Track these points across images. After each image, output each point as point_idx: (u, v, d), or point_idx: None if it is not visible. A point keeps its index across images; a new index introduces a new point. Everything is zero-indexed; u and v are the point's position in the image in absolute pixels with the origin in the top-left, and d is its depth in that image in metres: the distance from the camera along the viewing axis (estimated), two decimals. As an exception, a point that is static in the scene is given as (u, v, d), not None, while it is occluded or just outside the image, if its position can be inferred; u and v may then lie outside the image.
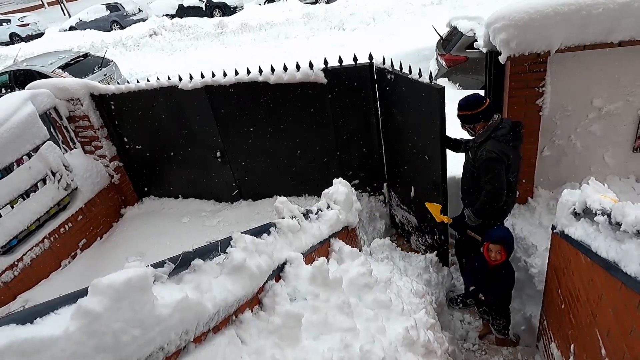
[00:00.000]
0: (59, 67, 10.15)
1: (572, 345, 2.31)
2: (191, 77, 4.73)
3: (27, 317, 0.91)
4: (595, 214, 2.00)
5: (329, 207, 2.91)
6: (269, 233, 1.95)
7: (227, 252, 1.56)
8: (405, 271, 3.52)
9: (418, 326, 2.14)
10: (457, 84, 7.55)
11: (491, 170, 3.05)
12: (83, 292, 1.00)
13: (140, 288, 1.00)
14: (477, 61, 7.33)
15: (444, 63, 7.70)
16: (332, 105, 4.39)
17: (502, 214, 3.37)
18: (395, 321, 2.13)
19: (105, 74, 10.70)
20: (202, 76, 4.72)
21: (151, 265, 1.23)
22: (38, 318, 0.93)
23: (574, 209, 2.32)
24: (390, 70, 3.88)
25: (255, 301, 1.69)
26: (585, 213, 2.20)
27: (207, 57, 12.40)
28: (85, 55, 11.21)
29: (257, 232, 1.86)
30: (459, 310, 3.88)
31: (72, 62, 10.67)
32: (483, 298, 3.12)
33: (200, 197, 5.71)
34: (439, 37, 8.21)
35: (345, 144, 4.65)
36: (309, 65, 4.28)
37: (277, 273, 1.89)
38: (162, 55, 14.57)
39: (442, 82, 7.68)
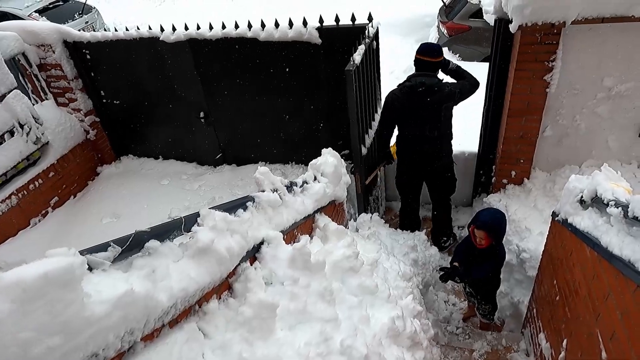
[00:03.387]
0: (35, 11, 9.49)
1: (565, 341, 2.18)
2: (174, 29, 4.35)
3: None
4: (608, 205, 1.80)
5: (315, 179, 2.69)
6: (245, 208, 1.72)
7: (191, 232, 1.33)
8: (392, 249, 3.35)
9: (404, 315, 1.98)
10: (458, 55, 7.23)
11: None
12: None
13: (63, 284, 0.77)
14: (480, 31, 7.00)
15: (445, 31, 7.34)
16: (325, 67, 4.08)
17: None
18: (380, 309, 1.96)
19: (86, 22, 10.07)
20: (186, 28, 4.34)
21: (92, 248, 1.00)
22: None
23: (582, 196, 2.13)
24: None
25: (224, 286, 1.48)
26: (595, 202, 2.02)
27: (197, 9, 11.75)
28: (66, 0, 10.49)
29: (232, 207, 1.63)
30: (444, 290, 3.77)
31: (51, 5, 9.99)
32: (458, 280, 3.00)
33: (181, 158, 5.43)
34: (442, 3, 7.79)
35: (338, 111, 4.37)
36: (303, 23, 3.94)
37: (253, 254, 1.68)
38: (150, 5, 13.79)
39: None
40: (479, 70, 3.99)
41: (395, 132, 3.86)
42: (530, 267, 3.26)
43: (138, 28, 4.53)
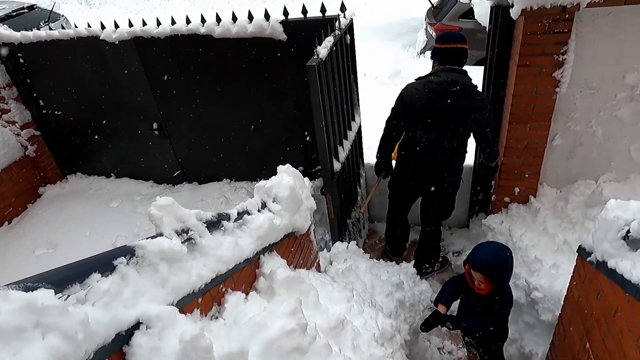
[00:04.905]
0: (-5, 19, 8.80)
1: None
2: (117, 26, 3.72)
3: None
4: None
5: (265, 206, 2.03)
6: (112, 270, 1.06)
7: None
8: (372, 289, 2.69)
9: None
10: (448, 59, 6.66)
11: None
12: None
13: None
14: (472, 33, 6.43)
15: (434, 34, 6.78)
16: (293, 68, 3.45)
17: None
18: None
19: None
20: (131, 24, 3.71)
21: None
22: None
23: (628, 231, 1.49)
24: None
25: None
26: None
27: (178, 16, 11.18)
28: (31, 8, 9.83)
29: (76, 274, 0.97)
30: (437, 335, 3.10)
31: (14, 14, 9.31)
32: (451, 327, 2.30)
33: (136, 177, 4.75)
34: (430, 3, 7.26)
35: (310, 119, 3.73)
36: (265, 16, 3.33)
37: (118, 347, 1.01)
38: (126, 15, 13.21)
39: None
40: (472, 76, 3.40)
41: None
42: (544, 310, 2.61)
43: (76, 26, 3.89)
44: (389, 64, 6.40)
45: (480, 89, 3.33)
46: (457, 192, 3.26)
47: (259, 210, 1.96)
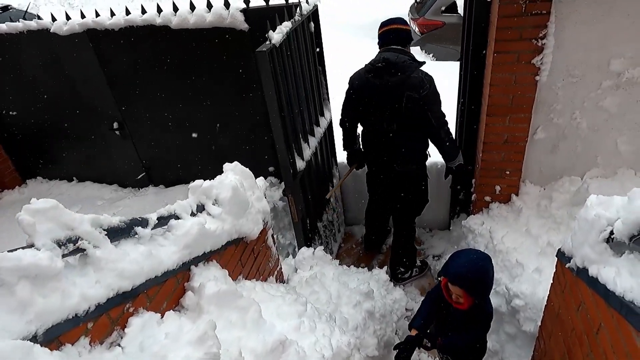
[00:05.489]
0: (-35, 19, 8.49)
1: None
2: (68, 17, 3.46)
3: None
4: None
5: (203, 209, 1.78)
6: None
7: None
8: (338, 299, 2.44)
9: None
10: (432, 55, 6.46)
11: None
12: None
13: None
14: (456, 27, 6.24)
15: (417, 29, 6.57)
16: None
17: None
18: None
19: (26, 31, 9.10)
20: (83, 16, 3.45)
21: None
22: None
23: (611, 232, 1.25)
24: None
25: None
26: (638, 243, 1.14)
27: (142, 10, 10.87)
28: (5, 8, 9.52)
29: None
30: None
31: (-14, 14, 9.02)
32: (429, 345, 2.05)
33: (100, 180, 4.48)
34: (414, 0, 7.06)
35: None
36: (225, 4, 3.08)
37: None
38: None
39: (414, 51, 6.57)
40: (456, 72, 3.19)
41: None
42: (526, 319, 2.37)
43: (25, 18, 3.62)
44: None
45: (457, 82, 3.13)
46: (421, 184, 3.04)
47: (193, 214, 1.70)
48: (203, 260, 1.69)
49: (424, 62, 2.69)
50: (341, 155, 3.75)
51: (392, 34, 2.69)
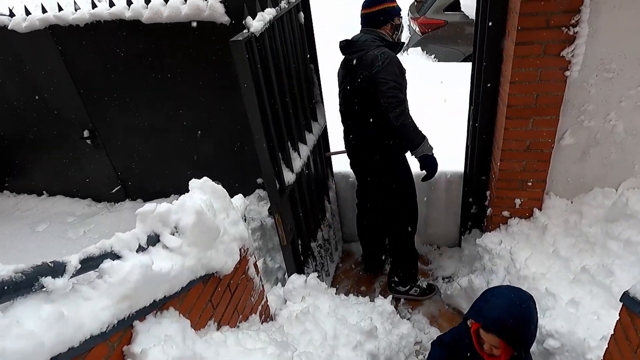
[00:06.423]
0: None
1: None
2: (28, 12, 3.07)
3: None
4: None
5: (157, 241, 1.37)
6: None
7: None
8: (334, 339, 2.03)
9: None
10: (433, 55, 6.08)
11: None
12: None
13: None
14: (459, 27, 5.89)
15: (417, 29, 6.21)
16: (239, 59, 2.80)
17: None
18: None
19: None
20: (44, 10, 3.06)
21: None
22: None
23: None
24: None
25: None
26: None
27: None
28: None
29: None
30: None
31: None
32: None
33: (72, 194, 4.07)
34: (413, -2, 6.71)
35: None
36: (203, -5, 2.69)
37: None
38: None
39: (415, 52, 6.21)
40: (460, 74, 2.82)
41: None
42: (562, 365, 1.96)
43: None
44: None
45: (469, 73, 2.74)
46: (398, 178, 2.69)
47: (143, 248, 1.29)
48: (155, 310, 1.28)
49: (396, 43, 2.52)
50: (337, 166, 3.37)
51: (362, 18, 2.63)
